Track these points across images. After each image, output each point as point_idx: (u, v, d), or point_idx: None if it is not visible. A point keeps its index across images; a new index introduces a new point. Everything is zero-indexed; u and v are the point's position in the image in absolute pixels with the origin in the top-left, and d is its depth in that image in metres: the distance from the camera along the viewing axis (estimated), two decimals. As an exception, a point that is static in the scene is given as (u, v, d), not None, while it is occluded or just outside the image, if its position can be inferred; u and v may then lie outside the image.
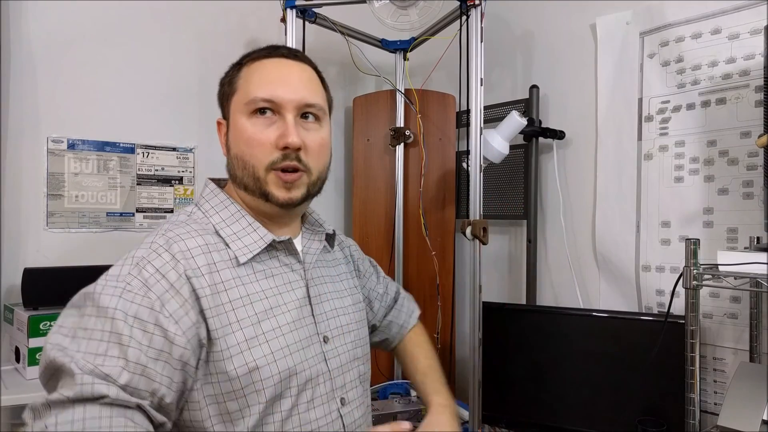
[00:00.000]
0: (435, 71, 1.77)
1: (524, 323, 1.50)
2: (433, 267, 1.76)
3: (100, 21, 1.54)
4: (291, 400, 0.75)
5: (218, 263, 0.75)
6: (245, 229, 0.80)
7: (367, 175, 1.87)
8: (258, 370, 0.72)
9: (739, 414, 1.02)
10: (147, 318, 0.66)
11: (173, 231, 0.75)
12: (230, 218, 0.80)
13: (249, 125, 0.78)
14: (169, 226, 0.77)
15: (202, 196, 0.84)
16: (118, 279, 0.69)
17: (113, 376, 0.62)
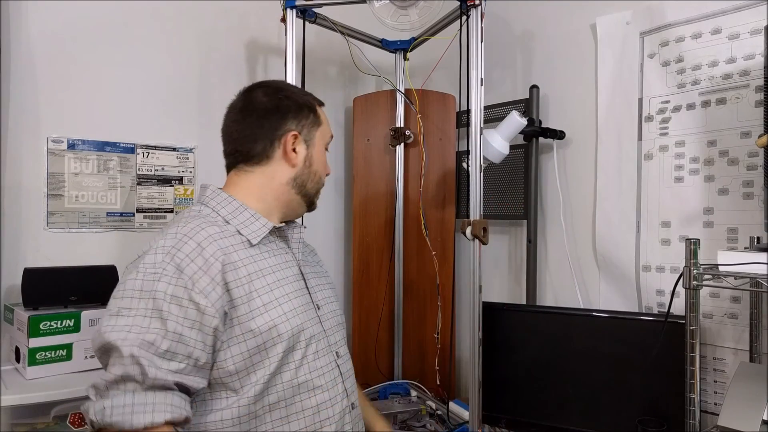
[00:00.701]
0: (435, 71, 1.77)
1: (524, 323, 1.50)
2: (433, 267, 1.76)
3: (100, 21, 1.54)
4: (301, 352, 0.93)
5: (234, 245, 0.92)
6: (249, 219, 0.96)
7: (367, 175, 1.87)
8: (276, 327, 0.89)
9: (739, 414, 1.02)
10: (182, 295, 0.82)
11: (192, 222, 0.90)
12: (235, 211, 0.97)
13: (324, 155, 1.07)
14: (187, 219, 0.91)
15: (205, 196, 0.99)
16: (155, 266, 0.84)
17: (156, 344, 0.78)
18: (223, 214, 0.96)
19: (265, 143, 0.99)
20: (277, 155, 0.99)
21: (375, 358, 1.81)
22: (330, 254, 2.03)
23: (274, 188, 1.00)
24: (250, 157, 0.99)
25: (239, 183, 1.00)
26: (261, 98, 1.00)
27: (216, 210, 0.96)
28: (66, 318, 1.31)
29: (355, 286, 1.86)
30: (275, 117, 0.99)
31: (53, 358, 1.30)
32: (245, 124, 0.99)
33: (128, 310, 0.81)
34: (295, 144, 1.00)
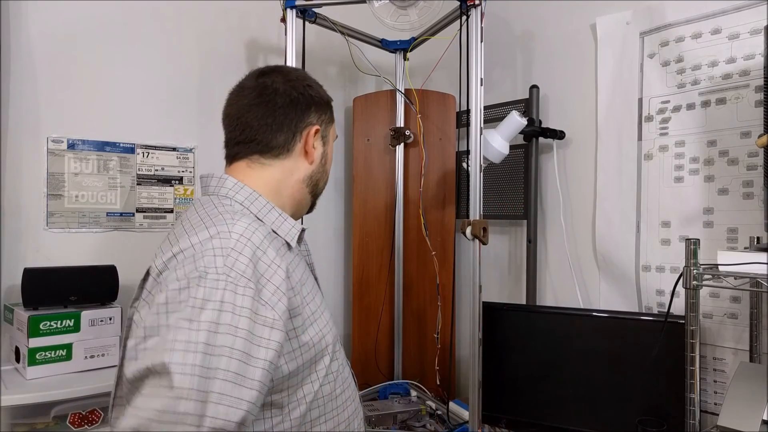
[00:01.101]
0: (435, 71, 1.77)
1: (524, 323, 1.50)
2: (434, 267, 1.76)
3: (100, 21, 1.54)
4: (337, 363, 0.87)
5: (280, 249, 0.81)
6: (278, 219, 0.87)
7: (367, 175, 1.87)
8: (324, 338, 0.83)
9: (739, 414, 1.02)
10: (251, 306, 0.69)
11: (241, 221, 0.76)
12: (263, 209, 0.86)
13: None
14: (232, 216, 0.77)
15: (226, 188, 0.86)
16: (218, 271, 0.69)
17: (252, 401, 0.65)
18: (254, 211, 0.85)
19: (287, 135, 0.90)
20: (297, 149, 0.91)
21: (375, 358, 1.81)
22: (330, 254, 2.03)
23: (290, 185, 0.92)
24: (270, 149, 0.89)
25: (253, 176, 0.89)
26: (283, 85, 0.90)
27: (246, 206, 0.85)
28: (66, 318, 1.31)
29: (355, 286, 1.86)
30: (301, 108, 0.91)
31: (53, 358, 1.30)
32: (267, 110, 0.89)
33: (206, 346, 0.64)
34: (315, 139, 0.93)
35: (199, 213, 0.80)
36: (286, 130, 0.90)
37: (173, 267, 0.71)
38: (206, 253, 0.70)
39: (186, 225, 0.79)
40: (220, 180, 0.87)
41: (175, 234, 0.79)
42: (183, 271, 0.69)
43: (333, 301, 2.02)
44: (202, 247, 0.71)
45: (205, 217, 0.78)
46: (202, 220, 0.77)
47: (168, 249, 0.75)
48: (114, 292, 1.41)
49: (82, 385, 1.26)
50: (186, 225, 0.79)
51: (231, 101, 0.92)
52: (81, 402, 1.32)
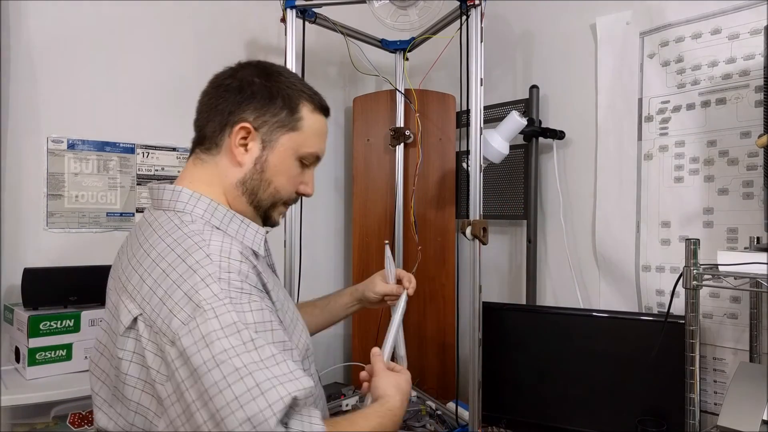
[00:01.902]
0: (435, 71, 1.77)
1: (524, 323, 1.50)
2: (434, 267, 1.76)
3: (100, 21, 1.54)
4: (313, 367, 0.84)
5: (250, 258, 0.77)
6: (240, 227, 0.82)
7: (367, 175, 1.87)
8: (305, 342, 0.81)
9: (739, 414, 1.02)
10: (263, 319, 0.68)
11: (211, 240, 0.73)
12: (225, 218, 0.81)
13: (294, 168, 0.86)
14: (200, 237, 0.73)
15: (181, 202, 0.80)
16: (219, 297, 0.66)
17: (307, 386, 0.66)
18: (215, 223, 0.79)
19: (215, 125, 0.83)
20: (225, 146, 0.83)
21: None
22: (330, 254, 2.03)
23: (227, 188, 0.83)
24: (202, 139, 0.85)
25: (199, 176, 0.83)
26: (239, 74, 0.85)
27: (206, 219, 0.79)
28: (66, 318, 1.31)
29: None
30: (234, 98, 0.82)
31: (53, 358, 1.30)
32: (207, 96, 0.86)
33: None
34: (248, 140, 0.82)
35: (162, 237, 0.74)
36: (216, 118, 0.83)
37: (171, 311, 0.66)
38: (198, 287, 0.67)
39: (152, 254, 0.73)
40: (173, 193, 0.80)
41: (142, 266, 0.73)
42: (185, 314, 0.65)
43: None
44: (188, 282, 0.67)
45: (173, 244, 0.72)
46: (171, 249, 0.71)
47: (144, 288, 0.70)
48: (114, 292, 1.40)
49: (82, 385, 1.25)
50: (152, 254, 0.73)
51: None
52: (81, 402, 1.32)
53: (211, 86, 0.87)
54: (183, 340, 0.64)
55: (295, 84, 0.86)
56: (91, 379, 0.79)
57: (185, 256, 0.70)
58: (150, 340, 0.67)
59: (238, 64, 0.88)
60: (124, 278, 0.74)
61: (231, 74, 0.86)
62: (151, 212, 0.82)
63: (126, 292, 0.72)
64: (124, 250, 0.83)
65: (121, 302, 0.72)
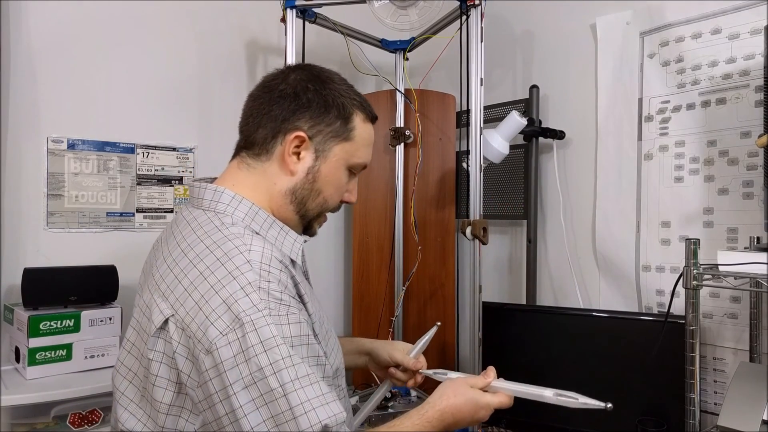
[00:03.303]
0: (435, 71, 1.77)
1: (524, 323, 1.50)
2: (434, 267, 1.76)
3: (100, 21, 1.54)
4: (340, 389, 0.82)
5: (289, 266, 0.76)
6: (280, 234, 0.81)
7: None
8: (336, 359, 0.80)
9: (739, 414, 1.02)
10: (300, 332, 0.68)
11: (253, 244, 0.72)
12: (264, 224, 0.79)
13: (344, 177, 0.86)
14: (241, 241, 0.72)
15: (222, 203, 0.79)
16: (259, 308, 0.65)
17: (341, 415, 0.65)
18: (255, 228, 0.78)
19: (267, 132, 0.80)
20: (276, 154, 0.81)
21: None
22: (330, 254, 2.03)
23: (274, 196, 0.82)
24: (251, 145, 0.82)
25: (243, 181, 0.82)
26: (291, 78, 0.82)
27: (247, 224, 0.78)
28: (66, 318, 1.31)
29: (355, 286, 1.86)
30: (288, 105, 0.80)
31: (53, 358, 1.30)
32: (258, 101, 0.82)
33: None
34: (301, 148, 0.81)
35: (201, 237, 0.73)
36: (268, 124, 0.80)
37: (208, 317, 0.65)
38: (237, 296, 0.65)
39: (190, 254, 0.71)
40: (215, 193, 0.79)
41: (178, 265, 0.71)
42: (223, 324, 0.64)
43: (333, 301, 2.02)
44: (227, 289, 0.66)
45: (212, 246, 0.71)
46: (211, 251, 0.70)
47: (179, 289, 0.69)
48: (114, 292, 1.40)
49: (82, 385, 1.26)
50: (190, 254, 0.71)
51: None
52: (81, 402, 1.32)
53: (263, 90, 0.83)
54: (221, 351, 0.63)
55: (348, 93, 0.84)
56: (116, 377, 0.77)
57: (225, 260, 0.69)
58: (181, 343, 0.66)
59: (287, 67, 0.86)
60: (158, 276, 0.72)
61: (283, 78, 0.83)
62: (190, 211, 0.80)
63: (159, 291, 0.70)
64: (159, 247, 0.81)
65: (153, 301, 0.70)
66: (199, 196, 0.80)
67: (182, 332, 0.66)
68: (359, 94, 0.87)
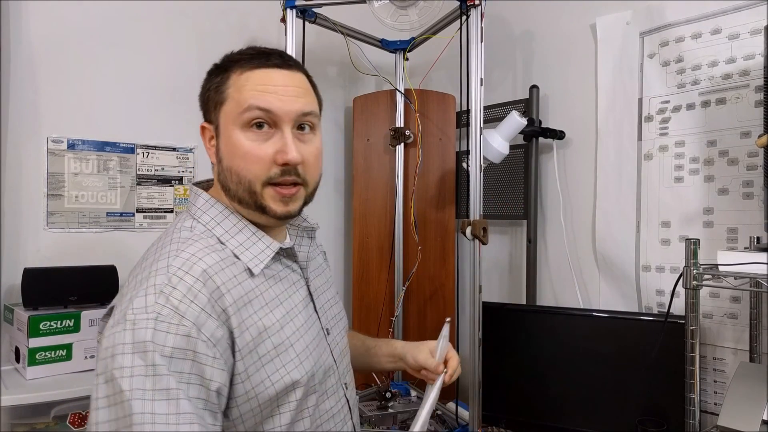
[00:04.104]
0: (435, 71, 1.77)
1: (524, 323, 1.50)
2: (433, 267, 1.76)
3: (100, 21, 1.54)
4: (315, 397, 0.79)
5: (237, 276, 0.73)
6: (250, 239, 0.77)
7: (367, 175, 1.87)
8: (289, 374, 0.74)
9: (739, 414, 1.02)
10: (186, 346, 0.64)
11: (185, 251, 0.71)
12: (233, 229, 0.77)
13: (244, 139, 0.75)
14: (178, 246, 0.72)
15: (196, 207, 0.79)
16: (147, 310, 0.64)
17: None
18: (218, 233, 0.76)
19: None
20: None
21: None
22: (330, 254, 2.02)
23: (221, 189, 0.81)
24: None
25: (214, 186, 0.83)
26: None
27: (209, 227, 0.77)
28: (66, 318, 1.31)
29: (355, 286, 1.86)
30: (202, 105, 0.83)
31: (53, 358, 1.30)
32: None
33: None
34: (207, 135, 0.81)
35: (161, 236, 0.77)
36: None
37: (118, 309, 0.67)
38: (138, 294, 0.66)
39: (149, 252, 0.75)
40: (194, 196, 0.80)
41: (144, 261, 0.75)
42: (117, 317, 0.66)
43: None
44: (140, 286, 0.67)
45: (157, 245, 0.74)
46: (154, 251, 0.73)
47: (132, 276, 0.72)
48: (114, 292, 1.40)
49: (82, 385, 1.26)
50: (149, 252, 0.75)
51: None
52: (81, 402, 1.32)
53: None
54: (103, 341, 0.65)
55: (229, 60, 0.81)
56: None
57: (156, 259, 0.71)
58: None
59: None
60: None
61: None
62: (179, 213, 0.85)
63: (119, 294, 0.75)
64: None
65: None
66: (189, 198, 0.83)
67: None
68: (249, 48, 0.82)
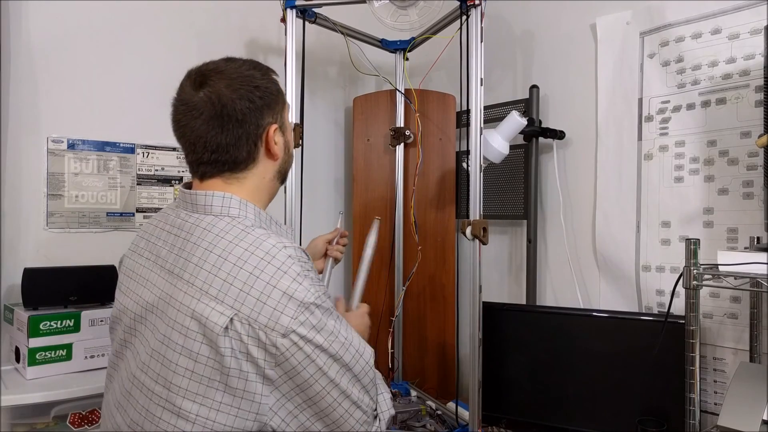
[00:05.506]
0: (435, 71, 1.77)
1: (524, 323, 1.50)
2: (433, 267, 1.76)
3: (99, 21, 1.54)
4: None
5: None
6: (273, 226, 0.91)
7: (367, 175, 1.87)
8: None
9: (739, 414, 1.02)
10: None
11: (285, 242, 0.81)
12: (268, 221, 0.90)
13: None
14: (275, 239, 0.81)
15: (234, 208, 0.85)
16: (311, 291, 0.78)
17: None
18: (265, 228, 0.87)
19: (249, 147, 0.88)
20: (262, 153, 0.90)
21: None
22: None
23: (265, 187, 0.92)
24: (238, 165, 0.88)
25: (239, 188, 0.89)
26: (230, 94, 0.86)
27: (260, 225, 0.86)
28: (66, 318, 1.31)
29: (355, 286, 1.86)
30: (255, 115, 0.87)
31: (53, 358, 1.30)
32: (224, 129, 0.85)
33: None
34: (275, 135, 0.90)
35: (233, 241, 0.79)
36: (247, 142, 0.87)
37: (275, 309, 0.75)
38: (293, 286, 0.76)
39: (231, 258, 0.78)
40: (224, 199, 0.85)
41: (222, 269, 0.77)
42: (291, 310, 0.75)
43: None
44: (283, 282, 0.76)
45: (250, 248, 0.79)
46: (251, 252, 0.78)
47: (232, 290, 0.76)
48: (114, 292, 1.40)
49: (82, 385, 1.26)
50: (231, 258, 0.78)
51: (181, 120, 0.89)
52: (81, 402, 1.32)
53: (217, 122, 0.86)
54: (298, 331, 0.75)
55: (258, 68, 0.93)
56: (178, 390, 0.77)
57: (269, 258, 0.78)
58: (250, 335, 0.74)
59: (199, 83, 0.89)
60: (200, 283, 0.77)
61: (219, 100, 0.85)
62: (200, 217, 0.85)
63: (208, 296, 0.76)
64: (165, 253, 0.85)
65: (207, 307, 0.75)
66: (207, 203, 0.85)
67: (249, 326, 0.74)
68: (259, 63, 0.94)
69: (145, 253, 0.90)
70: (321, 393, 0.78)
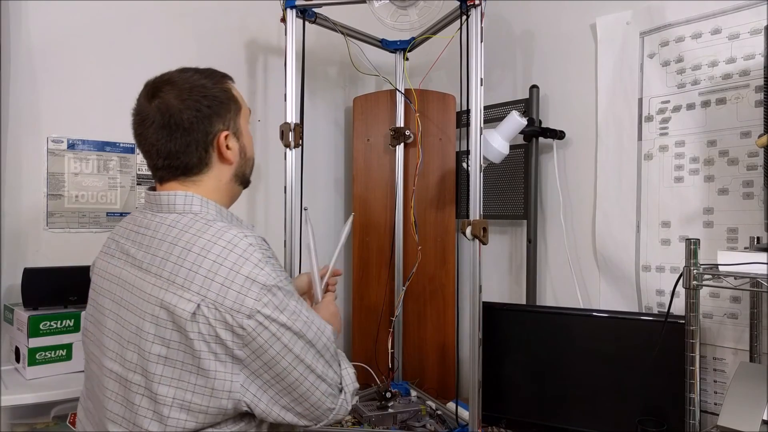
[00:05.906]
0: (435, 71, 1.77)
1: (524, 323, 1.50)
2: (433, 267, 1.76)
3: (99, 21, 1.54)
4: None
5: None
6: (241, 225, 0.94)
7: (367, 175, 1.87)
8: None
9: (739, 414, 1.02)
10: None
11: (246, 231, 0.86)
12: (228, 216, 0.94)
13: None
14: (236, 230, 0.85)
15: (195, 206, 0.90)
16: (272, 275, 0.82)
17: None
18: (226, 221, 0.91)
19: (200, 153, 0.91)
20: (214, 159, 0.93)
21: (375, 357, 1.80)
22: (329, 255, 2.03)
23: (223, 188, 0.96)
24: (190, 169, 0.92)
25: (197, 189, 0.93)
26: (178, 104, 0.90)
27: (220, 219, 0.90)
28: (66, 318, 1.31)
29: (355, 286, 1.86)
30: (203, 123, 0.90)
31: (53, 358, 1.30)
32: (172, 137, 0.90)
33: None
34: (227, 141, 0.93)
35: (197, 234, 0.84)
36: (197, 149, 0.91)
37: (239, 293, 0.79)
38: (255, 271, 0.81)
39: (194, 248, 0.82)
40: (186, 198, 0.90)
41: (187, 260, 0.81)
42: (254, 293, 0.79)
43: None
44: (246, 267, 0.80)
45: (213, 238, 0.83)
46: (214, 242, 0.82)
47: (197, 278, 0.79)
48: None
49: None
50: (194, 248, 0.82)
51: (137, 129, 0.94)
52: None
53: (165, 131, 0.90)
54: (263, 311, 0.79)
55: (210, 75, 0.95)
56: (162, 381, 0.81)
57: (231, 247, 0.82)
58: (218, 319, 0.78)
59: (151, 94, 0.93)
60: (167, 274, 0.82)
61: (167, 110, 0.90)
62: (164, 216, 0.89)
63: (174, 285, 0.80)
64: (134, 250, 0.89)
65: (174, 295, 0.80)
66: (170, 202, 0.91)
67: (216, 311, 0.78)
68: (212, 70, 0.96)
69: (116, 253, 0.93)
70: (288, 369, 0.82)
